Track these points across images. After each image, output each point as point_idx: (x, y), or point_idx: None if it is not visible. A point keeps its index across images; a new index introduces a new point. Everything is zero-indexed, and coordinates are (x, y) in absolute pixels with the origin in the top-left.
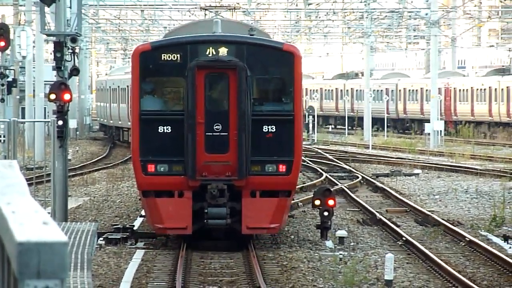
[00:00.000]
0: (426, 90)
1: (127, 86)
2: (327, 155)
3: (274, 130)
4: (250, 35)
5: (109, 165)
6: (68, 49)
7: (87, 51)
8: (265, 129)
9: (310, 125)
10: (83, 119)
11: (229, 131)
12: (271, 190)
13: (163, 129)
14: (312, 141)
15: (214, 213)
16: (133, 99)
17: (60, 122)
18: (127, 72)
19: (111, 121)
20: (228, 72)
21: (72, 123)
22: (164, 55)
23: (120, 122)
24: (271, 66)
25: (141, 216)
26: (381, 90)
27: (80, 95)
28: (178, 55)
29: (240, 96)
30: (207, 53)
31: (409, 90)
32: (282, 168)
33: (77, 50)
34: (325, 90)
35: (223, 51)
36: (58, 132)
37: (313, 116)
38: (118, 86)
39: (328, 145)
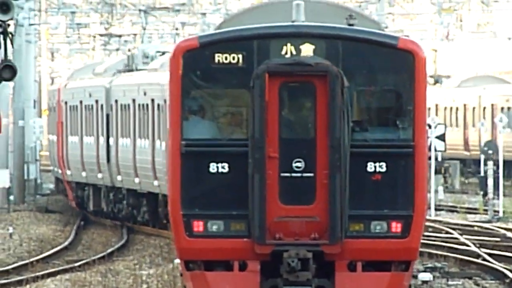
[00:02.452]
0: None
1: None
2: None
3: (385, 169)
4: (349, 24)
5: (76, 264)
6: None
7: (31, 29)
8: (371, 168)
9: (490, 181)
10: (23, 169)
11: (316, 171)
12: (379, 261)
13: (217, 167)
14: (493, 216)
15: None
16: (171, 122)
17: None
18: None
19: (84, 174)
20: (314, 81)
21: (1, 178)
22: (218, 56)
23: (119, 178)
24: (380, 73)
25: None
26: None
27: (16, 120)
28: (240, 56)
29: (333, 117)
30: (283, 52)
31: None
32: (397, 227)
33: (10, 29)
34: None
35: (307, 49)
36: None
37: (496, 162)
38: (117, 102)
39: None
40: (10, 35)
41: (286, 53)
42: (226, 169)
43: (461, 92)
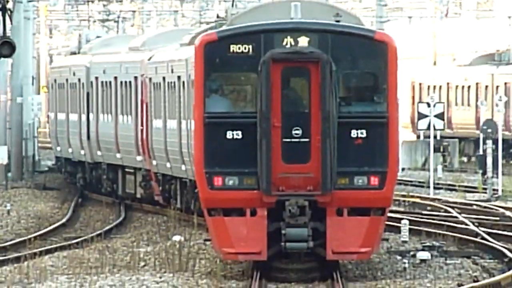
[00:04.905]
0: None
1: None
2: None
3: (364, 135)
4: (336, 21)
5: (73, 241)
6: None
7: (29, 5)
8: (354, 134)
9: (489, 159)
10: (21, 146)
11: (310, 137)
12: (361, 207)
13: (232, 134)
14: (492, 194)
15: (293, 234)
16: (196, 99)
17: None
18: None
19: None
20: (309, 66)
21: (0, 155)
22: (232, 47)
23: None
24: (361, 59)
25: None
26: None
27: (14, 97)
28: (250, 47)
29: (324, 94)
30: (284, 43)
31: None
32: (374, 180)
33: (9, 5)
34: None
35: (303, 41)
36: None
37: (495, 141)
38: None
39: None
40: (9, 12)
41: (286, 44)
42: (240, 136)
43: None
